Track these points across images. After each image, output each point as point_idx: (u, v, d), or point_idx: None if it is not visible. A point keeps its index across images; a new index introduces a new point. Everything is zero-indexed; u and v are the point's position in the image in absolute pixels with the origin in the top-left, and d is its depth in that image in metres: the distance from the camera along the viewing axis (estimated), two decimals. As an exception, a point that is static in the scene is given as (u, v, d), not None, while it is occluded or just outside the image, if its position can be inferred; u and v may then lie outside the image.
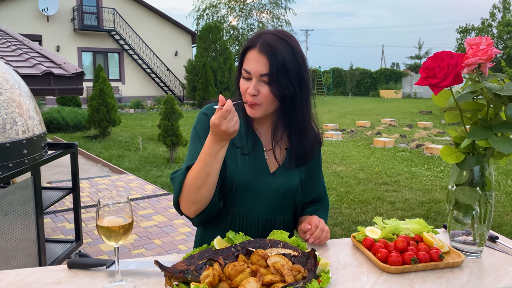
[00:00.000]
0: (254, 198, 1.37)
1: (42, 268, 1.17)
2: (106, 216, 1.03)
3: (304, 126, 1.39)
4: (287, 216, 1.46)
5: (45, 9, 20.43)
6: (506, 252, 1.30)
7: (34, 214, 2.52)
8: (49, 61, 4.32)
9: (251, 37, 1.32)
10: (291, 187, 1.41)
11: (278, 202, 1.40)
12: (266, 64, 1.26)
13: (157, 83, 23.78)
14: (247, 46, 1.30)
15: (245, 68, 1.28)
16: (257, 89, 1.27)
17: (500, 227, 4.72)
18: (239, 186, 1.35)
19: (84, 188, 6.20)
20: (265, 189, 1.37)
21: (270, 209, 1.40)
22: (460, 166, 1.21)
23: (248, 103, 1.30)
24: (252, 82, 1.27)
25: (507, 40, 21.96)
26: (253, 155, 1.38)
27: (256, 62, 1.26)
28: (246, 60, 1.29)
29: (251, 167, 1.37)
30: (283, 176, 1.39)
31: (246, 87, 1.29)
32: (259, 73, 1.26)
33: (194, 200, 1.28)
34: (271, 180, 1.38)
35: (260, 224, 1.40)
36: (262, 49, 1.26)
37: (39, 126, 2.60)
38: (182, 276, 1.02)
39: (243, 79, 1.30)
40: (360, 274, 1.14)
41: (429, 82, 1.10)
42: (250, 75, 1.27)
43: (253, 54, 1.28)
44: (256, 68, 1.26)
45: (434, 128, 13.23)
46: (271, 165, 1.40)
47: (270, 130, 1.42)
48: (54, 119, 12.37)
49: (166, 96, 8.02)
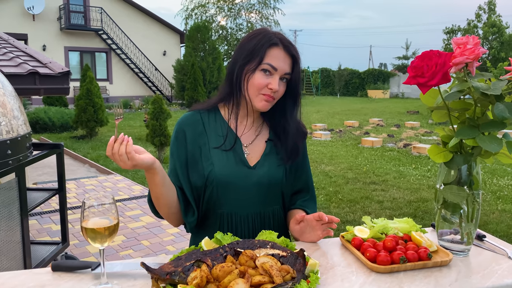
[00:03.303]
0: (237, 195, 1.37)
1: (26, 271, 1.14)
2: (91, 218, 1.01)
3: (294, 124, 1.43)
4: (277, 207, 1.45)
5: (30, 8, 20.15)
6: (493, 250, 1.31)
7: (19, 215, 2.47)
8: (34, 60, 4.25)
9: (264, 33, 1.35)
10: (275, 178, 1.40)
11: (263, 195, 1.39)
12: (291, 64, 1.35)
13: (145, 83, 23.62)
14: (272, 43, 1.32)
15: (271, 63, 1.31)
16: (278, 85, 1.33)
17: (486, 226, 4.78)
18: (219, 185, 1.35)
19: (71, 189, 6.12)
20: (247, 183, 1.37)
21: (257, 203, 1.39)
22: (448, 165, 1.21)
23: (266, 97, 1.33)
24: (275, 78, 1.32)
25: (492, 41, 22.29)
26: (230, 151, 1.39)
27: (283, 60, 1.33)
28: (271, 56, 1.32)
29: (229, 164, 1.37)
30: (264, 167, 1.39)
31: (266, 82, 1.32)
32: (284, 71, 1.33)
33: (164, 216, 1.38)
34: (252, 174, 1.38)
35: (250, 220, 1.39)
36: (288, 49, 1.33)
37: (23, 126, 2.55)
38: (169, 278, 1.00)
39: (261, 74, 1.32)
40: (349, 274, 1.13)
41: (417, 81, 1.10)
42: (276, 71, 1.32)
43: (279, 52, 1.33)
44: (283, 66, 1.33)
45: (421, 127, 13.36)
46: (252, 159, 1.40)
47: (251, 125, 1.45)
48: (40, 119, 12.21)
49: (154, 96, 7.97)
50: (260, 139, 1.44)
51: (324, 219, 1.28)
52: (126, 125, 14.08)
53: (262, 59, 1.32)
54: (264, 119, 1.47)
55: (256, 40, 1.34)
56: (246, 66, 1.34)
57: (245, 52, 1.34)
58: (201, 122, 1.41)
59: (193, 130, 1.40)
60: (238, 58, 1.36)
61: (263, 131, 1.46)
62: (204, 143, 1.39)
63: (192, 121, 1.41)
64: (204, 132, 1.40)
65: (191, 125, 1.41)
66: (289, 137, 1.42)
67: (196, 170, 1.37)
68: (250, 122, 1.45)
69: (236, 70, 1.36)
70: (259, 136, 1.44)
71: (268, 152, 1.42)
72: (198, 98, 18.27)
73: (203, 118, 1.42)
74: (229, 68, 1.40)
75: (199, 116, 1.43)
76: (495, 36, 22.40)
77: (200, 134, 1.40)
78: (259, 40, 1.33)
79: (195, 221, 1.39)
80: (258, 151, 1.42)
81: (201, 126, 1.41)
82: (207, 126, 1.41)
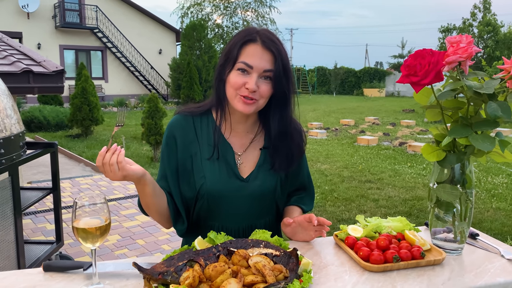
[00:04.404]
0: (229, 208, 1.32)
1: (17, 272, 1.13)
2: (82, 218, 1.01)
3: (289, 127, 1.36)
4: (269, 219, 1.41)
5: (25, 6, 20.01)
6: (486, 249, 1.31)
7: (12, 215, 2.46)
8: (28, 59, 4.23)
9: (246, 31, 1.26)
10: (268, 190, 1.35)
11: (256, 207, 1.35)
12: (271, 60, 1.23)
13: (141, 82, 23.54)
14: (247, 39, 1.24)
15: (246, 61, 1.23)
16: (257, 85, 1.23)
17: (481, 224, 4.80)
18: (210, 198, 1.30)
19: (66, 188, 6.10)
20: (239, 196, 1.32)
21: (249, 216, 1.35)
22: (441, 164, 1.21)
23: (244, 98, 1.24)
24: (252, 77, 1.23)
25: (487, 39, 22.37)
26: (223, 163, 1.32)
27: (260, 57, 1.23)
28: (246, 54, 1.23)
29: (221, 176, 1.31)
30: (258, 180, 1.34)
31: (242, 81, 1.23)
32: (262, 69, 1.23)
33: (155, 220, 1.36)
34: (244, 187, 1.32)
35: (241, 233, 1.35)
36: (266, 44, 1.23)
37: (17, 125, 2.53)
38: (161, 278, 1.00)
39: (237, 73, 1.24)
40: (342, 273, 1.13)
41: (410, 80, 1.10)
42: (252, 69, 1.23)
43: (255, 48, 1.23)
44: (260, 63, 1.23)
45: (417, 126, 13.39)
46: (245, 170, 1.35)
47: (245, 131, 1.38)
48: (35, 118, 12.14)
49: (150, 95, 7.94)
50: (254, 146, 1.37)
51: (314, 222, 1.25)
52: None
53: (236, 57, 1.24)
54: (260, 125, 1.39)
55: (234, 40, 1.27)
56: (225, 67, 1.28)
57: (223, 53, 1.29)
58: (193, 128, 1.35)
59: (184, 136, 1.34)
60: (219, 61, 1.30)
61: (258, 138, 1.38)
62: (195, 152, 1.33)
63: (184, 126, 1.35)
64: (195, 140, 1.34)
65: (182, 130, 1.34)
66: (283, 143, 1.34)
67: (187, 181, 1.33)
68: (243, 128, 1.37)
69: (218, 71, 1.30)
70: (253, 143, 1.37)
71: (262, 162, 1.35)
72: (194, 97, 18.22)
73: (195, 123, 1.36)
74: (214, 72, 1.34)
75: (191, 120, 1.36)
76: (490, 35, 22.48)
77: (191, 142, 1.34)
78: (236, 39, 1.26)
79: (185, 229, 1.37)
80: (251, 160, 1.36)
81: (193, 133, 1.34)
82: (199, 133, 1.34)
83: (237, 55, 1.24)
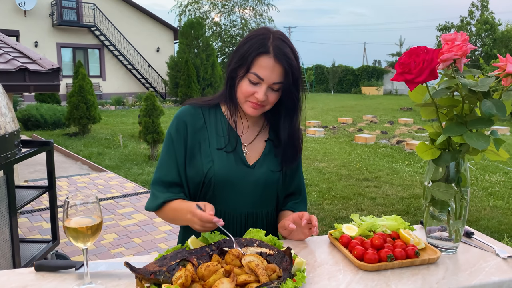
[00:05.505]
0: (234, 193, 1.36)
1: (9, 271, 1.12)
2: (73, 217, 1.00)
3: (293, 130, 1.42)
4: (270, 209, 1.45)
5: (22, 4, 19.92)
6: (481, 247, 1.30)
7: (7, 214, 2.44)
8: (24, 57, 4.20)
9: (261, 38, 1.28)
10: (272, 178, 1.40)
11: (259, 195, 1.39)
12: (281, 74, 1.28)
13: (138, 80, 23.47)
14: (260, 51, 1.26)
15: (257, 73, 1.26)
16: (266, 95, 1.29)
17: (478, 222, 4.80)
18: (217, 182, 1.34)
19: (63, 186, 6.08)
20: (244, 182, 1.36)
21: (252, 203, 1.39)
22: (435, 162, 1.20)
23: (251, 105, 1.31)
24: (262, 88, 1.28)
25: (485, 37, 22.41)
26: (231, 151, 1.38)
27: (271, 70, 1.26)
28: (258, 65, 1.26)
29: (229, 162, 1.36)
30: (263, 167, 1.39)
31: (252, 91, 1.29)
32: (272, 82, 1.28)
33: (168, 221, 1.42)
34: (250, 173, 1.37)
35: (243, 220, 1.39)
36: (278, 58, 1.26)
37: (11, 123, 2.52)
38: (154, 277, 0.99)
39: (248, 82, 1.29)
40: (336, 272, 1.13)
41: (404, 78, 1.09)
42: (262, 81, 1.27)
43: (267, 61, 1.26)
44: (271, 76, 1.27)
45: (414, 124, 13.41)
46: (251, 158, 1.40)
47: (251, 124, 1.44)
48: (32, 116, 12.10)
49: (147, 93, 7.92)
50: (260, 138, 1.43)
51: (302, 219, 1.28)
52: (119, 122, 14.01)
53: (249, 68, 1.28)
54: (265, 119, 1.46)
55: (248, 45, 1.29)
56: (237, 71, 1.32)
57: (237, 56, 1.32)
58: (202, 116, 1.40)
59: (194, 122, 1.39)
60: (232, 61, 1.34)
61: (263, 130, 1.45)
62: (204, 138, 1.38)
63: (193, 113, 1.40)
64: (204, 127, 1.39)
65: (192, 117, 1.39)
66: (288, 141, 1.41)
67: (193, 165, 1.36)
68: (250, 122, 1.44)
69: (230, 72, 1.35)
70: (259, 135, 1.43)
71: (267, 152, 1.42)
72: (192, 95, 18.20)
73: (204, 113, 1.41)
74: (226, 68, 1.38)
75: (200, 110, 1.41)
76: (487, 33, 22.51)
77: (200, 128, 1.38)
78: (250, 46, 1.28)
79: None
80: (257, 150, 1.41)
81: (202, 121, 1.39)
82: (207, 122, 1.40)
83: (250, 65, 1.28)
